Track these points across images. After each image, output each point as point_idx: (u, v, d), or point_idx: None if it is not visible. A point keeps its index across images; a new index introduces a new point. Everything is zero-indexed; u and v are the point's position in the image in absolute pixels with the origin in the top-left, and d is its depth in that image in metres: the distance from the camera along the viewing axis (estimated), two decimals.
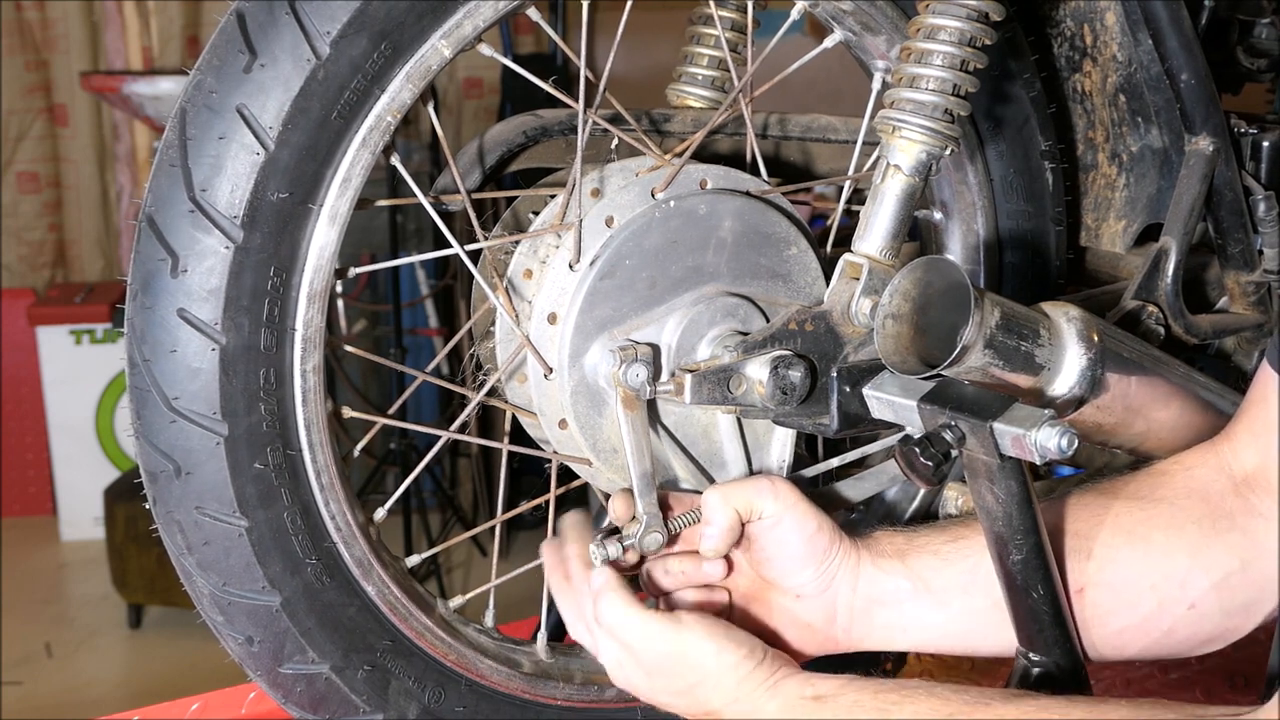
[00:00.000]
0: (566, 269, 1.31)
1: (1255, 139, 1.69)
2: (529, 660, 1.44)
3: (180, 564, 1.25)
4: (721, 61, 1.58)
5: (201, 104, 1.15)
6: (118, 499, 4.44)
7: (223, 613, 1.25)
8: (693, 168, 1.36)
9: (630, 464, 1.30)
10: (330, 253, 1.20)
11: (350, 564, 1.29)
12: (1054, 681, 1.33)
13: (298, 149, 1.16)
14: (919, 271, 1.25)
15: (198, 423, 1.18)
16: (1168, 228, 1.63)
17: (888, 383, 1.33)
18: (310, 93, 1.15)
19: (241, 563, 1.22)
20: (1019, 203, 1.58)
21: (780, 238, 1.40)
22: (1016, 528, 1.27)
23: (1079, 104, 1.75)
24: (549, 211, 1.36)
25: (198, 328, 1.16)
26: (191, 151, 1.15)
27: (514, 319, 1.33)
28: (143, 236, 1.17)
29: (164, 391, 1.17)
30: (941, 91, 1.31)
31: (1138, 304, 1.60)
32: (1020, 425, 1.20)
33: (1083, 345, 1.29)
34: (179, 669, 4.18)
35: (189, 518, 1.20)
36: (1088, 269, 1.80)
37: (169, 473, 1.19)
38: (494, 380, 1.35)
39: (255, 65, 1.14)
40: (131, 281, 1.18)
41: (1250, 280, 1.71)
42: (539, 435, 1.40)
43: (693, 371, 1.30)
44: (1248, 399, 1.31)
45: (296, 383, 1.22)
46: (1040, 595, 1.30)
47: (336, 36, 1.15)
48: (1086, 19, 1.69)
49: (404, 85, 1.20)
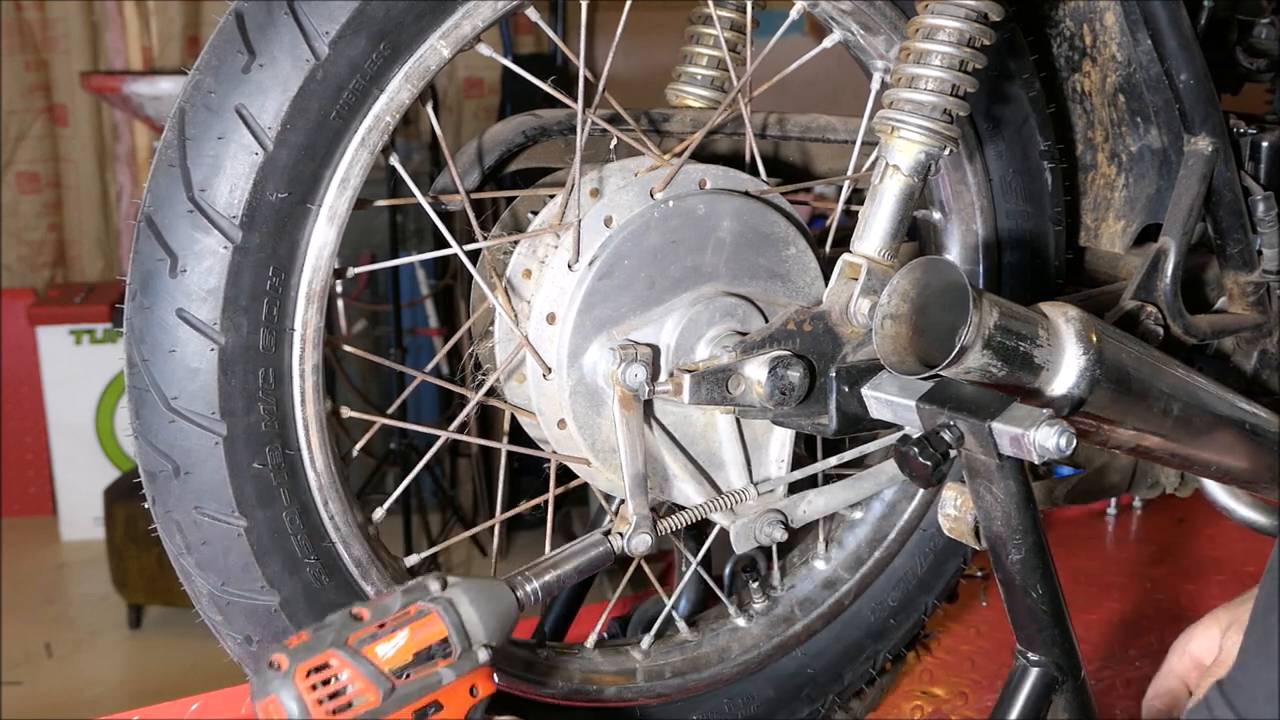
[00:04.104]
0: (565, 269, 1.31)
1: (1254, 139, 1.69)
2: (528, 659, 1.44)
3: (179, 564, 1.25)
4: (720, 61, 1.58)
5: (200, 104, 1.15)
6: (118, 499, 4.44)
7: (221, 612, 1.25)
8: (692, 168, 1.36)
9: (624, 465, 1.30)
10: (329, 252, 1.21)
11: (349, 564, 1.29)
12: (1054, 682, 1.33)
13: (296, 149, 1.16)
14: (917, 272, 1.25)
15: (197, 422, 1.18)
16: (1167, 228, 1.63)
17: (886, 383, 1.33)
18: (309, 93, 1.15)
19: (240, 562, 1.22)
20: (1018, 203, 1.58)
21: (779, 238, 1.40)
22: (1015, 527, 1.27)
23: (1078, 104, 1.75)
24: (548, 211, 1.36)
25: (196, 328, 1.16)
26: (190, 151, 1.15)
27: (513, 319, 1.33)
28: (141, 236, 1.17)
29: (163, 391, 1.17)
30: (940, 92, 1.31)
31: (1137, 304, 1.60)
32: (1019, 425, 1.20)
33: (1081, 346, 1.29)
34: (179, 669, 4.18)
35: (188, 517, 1.21)
36: (1087, 269, 1.80)
37: (168, 472, 1.19)
38: (493, 380, 1.35)
39: (254, 65, 1.14)
40: (130, 281, 1.18)
41: (1249, 280, 1.71)
42: (538, 435, 1.40)
43: (691, 372, 1.30)
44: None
45: (295, 383, 1.22)
46: (1039, 595, 1.30)
47: (335, 37, 1.15)
48: (1086, 19, 1.69)
49: (403, 85, 1.20)
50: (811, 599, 1.64)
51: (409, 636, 1.09)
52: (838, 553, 1.66)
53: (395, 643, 1.08)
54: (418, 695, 1.08)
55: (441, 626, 1.10)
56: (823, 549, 1.66)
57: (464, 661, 1.10)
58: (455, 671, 1.09)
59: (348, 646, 1.07)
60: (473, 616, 1.12)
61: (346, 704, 1.05)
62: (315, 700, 1.04)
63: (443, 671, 1.09)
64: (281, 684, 1.05)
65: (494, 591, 1.16)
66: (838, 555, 1.66)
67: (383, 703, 1.06)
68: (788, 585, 1.65)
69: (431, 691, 1.08)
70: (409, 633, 1.09)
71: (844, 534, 1.67)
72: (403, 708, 1.07)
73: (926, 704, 1.86)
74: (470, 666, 1.10)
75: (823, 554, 1.66)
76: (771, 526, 1.37)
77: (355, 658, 1.06)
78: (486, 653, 1.12)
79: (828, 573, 1.66)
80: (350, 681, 1.05)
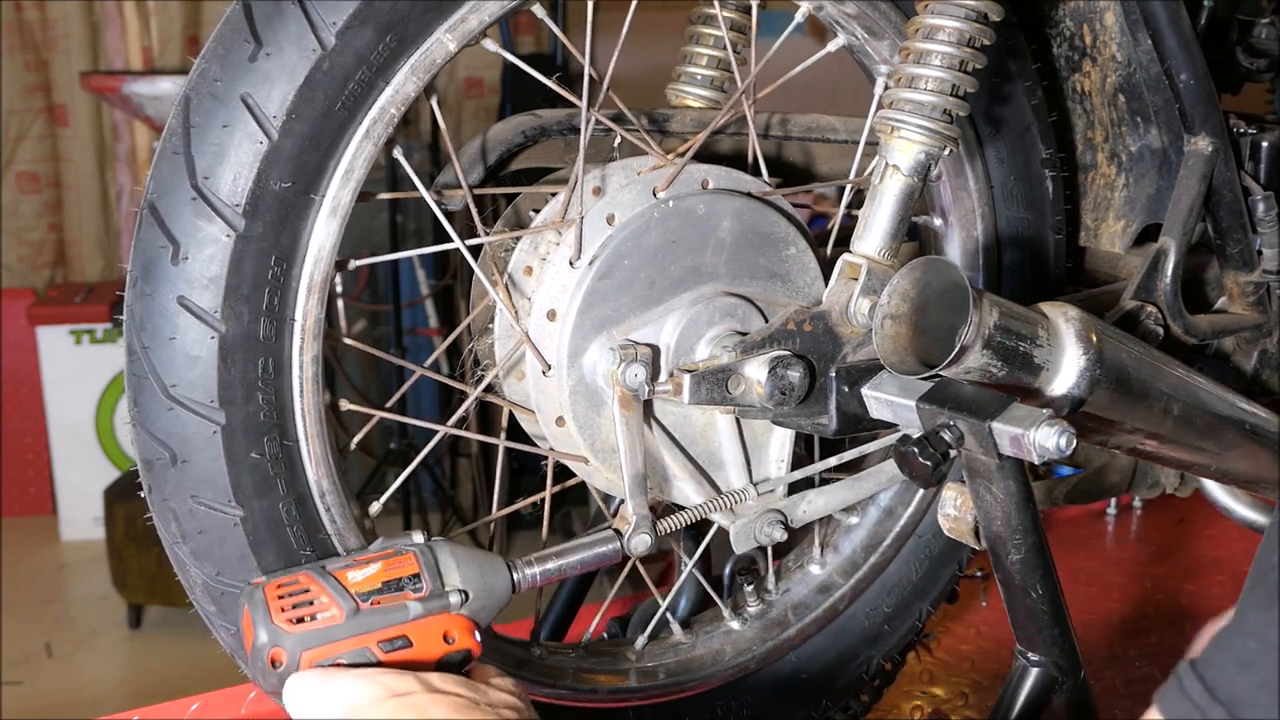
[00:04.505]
0: (567, 266, 1.31)
1: (1254, 139, 1.69)
2: (521, 658, 1.44)
3: (174, 553, 1.24)
4: (720, 61, 1.58)
5: (206, 92, 1.15)
6: (118, 499, 4.43)
7: (215, 603, 1.24)
8: (694, 168, 1.36)
9: (623, 465, 1.30)
10: (331, 244, 1.20)
11: None
12: (1054, 682, 1.33)
13: (301, 139, 1.16)
14: (917, 272, 1.25)
15: (195, 410, 1.17)
16: (1167, 228, 1.63)
17: (886, 383, 1.33)
18: (315, 83, 1.15)
19: (236, 553, 1.21)
20: (1019, 210, 1.58)
21: (779, 238, 1.40)
22: (1015, 527, 1.27)
23: (1078, 104, 1.75)
24: (550, 209, 1.36)
25: (197, 315, 1.15)
26: (195, 139, 1.14)
27: (513, 315, 1.33)
28: (144, 223, 1.16)
29: (162, 379, 1.16)
30: (940, 92, 1.31)
31: (1137, 304, 1.60)
32: (1019, 425, 1.20)
33: (1081, 346, 1.29)
34: (179, 669, 4.18)
35: (184, 506, 1.20)
36: (1087, 269, 1.80)
37: (165, 460, 1.19)
38: (491, 376, 1.35)
39: (260, 54, 1.14)
40: (132, 268, 1.17)
41: (1249, 280, 1.71)
42: (535, 432, 1.40)
43: (691, 372, 1.30)
44: None
45: (295, 373, 1.21)
46: (1039, 595, 1.30)
47: (342, 27, 1.15)
48: (1086, 19, 1.69)
49: (408, 78, 1.20)
50: (806, 603, 1.64)
51: (381, 567, 1.12)
52: (833, 557, 1.66)
53: (366, 571, 1.12)
54: (384, 623, 1.10)
55: (415, 564, 1.12)
56: (818, 553, 1.66)
57: (434, 600, 1.12)
58: (424, 608, 1.11)
59: (321, 570, 1.11)
60: (450, 563, 1.14)
61: (311, 616, 1.08)
62: (279, 609, 1.08)
63: (410, 604, 1.11)
64: (252, 595, 1.10)
65: (484, 557, 1.17)
66: (833, 560, 1.66)
67: (346, 620, 1.08)
68: (782, 589, 1.65)
69: (399, 624, 1.10)
70: (382, 565, 1.12)
71: (839, 539, 1.67)
72: (368, 632, 1.09)
73: (926, 704, 1.86)
74: (440, 607, 1.12)
75: (818, 558, 1.66)
76: (771, 526, 1.37)
77: (324, 577, 1.10)
78: (459, 596, 1.12)
79: (823, 577, 1.65)
80: (315, 596, 1.09)
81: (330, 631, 1.08)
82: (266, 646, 1.07)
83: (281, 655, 1.07)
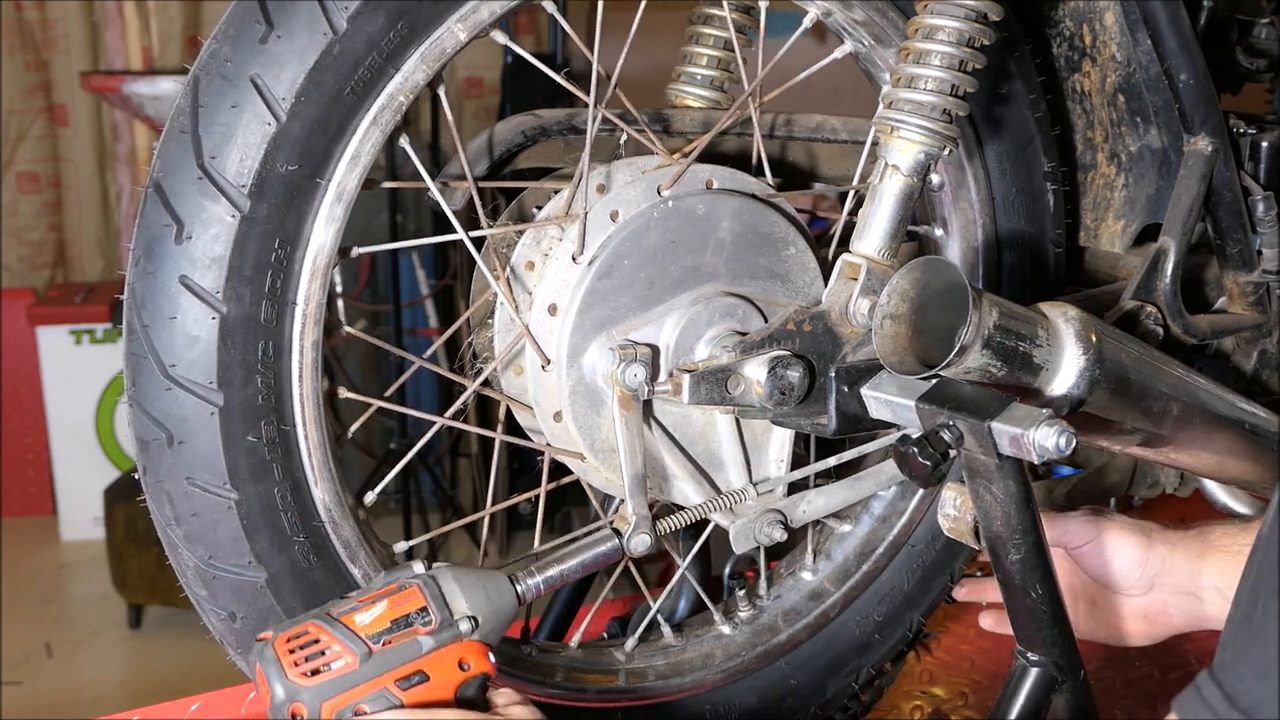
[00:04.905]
0: (569, 261, 1.31)
1: (1254, 139, 1.69)
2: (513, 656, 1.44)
3: (166, 535, 1.23)
4: (721, 61, 1.58)
5: (215, 72, 1.14)
6: (118, 499, 4.43)
7: (207, 586, 1.24)
8: (699, 167, 1.36)
9: (623, 465, 1.30)
10: (336, 229, 1.20)
11: (338, 545, 1.28)
12: (1053, 682, 1.33)
13: (309, 122, 1.16)
14: (917, 272, 1.25)
15: (193, 391, 1.17)
16: (1166, 228, 1.63)
17: (886, 383, 1.33)
18: (325, 67, 1.15)
19: (229, 536, 1.21)
20: (1020, 223, 1.58)
21: (779, 238, 1.40)
22: (1015, 527, 1.27)
23: (1078, 104, 1.75)
24: (553, 205, 1.36)
25: (199, 295, 1.15)
26: (203, 119, 1.14)
27: (514, 308, 1.33)
28: (149, 202, 1.16)
29: (161, 358, 1.16)
30: (939, 92, 1.31)
31: (1136, 304, 1.60)
32: (1018, 425, 1.20)
33: (1081, 345, 1.29)
34: (179, 669, 4.17)
35: (178, 488, 1.19)
36: (1087, 269, 1.80)
37: (161, 441, 1.18)
38: (490, 369, 1.35)
39: (271, 36, 1.14)
40: (135, 247, 1.17)
41: (1249, 280, 1.71)
42: (532, 427, 1.40)
43: (691, 372, 1.30)
44: None
45: (294, 357, 1.21)
46: (1039, 595, 1.30)
47: (354, 12, 1.15)
48: (1085, 19, 1.69)
49: (418, 66, 1.20)
50: (797, 610, 1.63)
51: (387, 605, 1.10)
52: (825, 565, 1.65)
53: (373, 611, 1.10)
54: (398, 662, 1.09)
55: (421, 597, 1.11)
56: (810, 560, 1.65)
57: (445, 631, 1.11)
58: (435, 640, 1.10)
59: (327, 617, 1.09)
60: (455, 590, 1.13)
61: (325, 665, 1.07)
62: (292, 663, 1.06)
63: (422, 639, 1.09)
64: (262, 652, 1.08)
65: (486, 577, 1.16)
66: (825, 567, 1.65)
67: (361, 666, 1.07)
68: (774, 595, 1.64)
69: (413, 659, 1.09)
70: (387, 603, 1.10)
71: (832, 546, 1.66)
72: (384, 673, 1.08)
73: (926, 704, 1.85)
74: (452, 637, 1.11)
75: (810, 565, 1.65)
76: (771, 526, 1.37)
77: (332, 624, 1.08)
78: (469, 624, 1.12)
79: (814, 584, 1.65)
80: (327, 645, 1.07)
81: (346, 679, 1.06)
82: (285, 702, 1.06)
83: (302, 710, 1.06)
